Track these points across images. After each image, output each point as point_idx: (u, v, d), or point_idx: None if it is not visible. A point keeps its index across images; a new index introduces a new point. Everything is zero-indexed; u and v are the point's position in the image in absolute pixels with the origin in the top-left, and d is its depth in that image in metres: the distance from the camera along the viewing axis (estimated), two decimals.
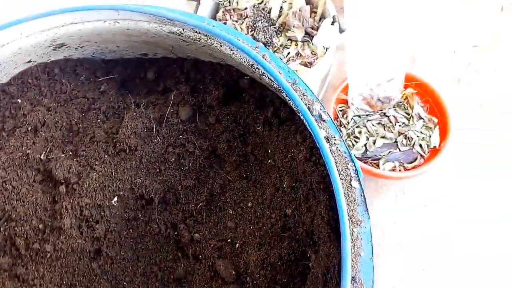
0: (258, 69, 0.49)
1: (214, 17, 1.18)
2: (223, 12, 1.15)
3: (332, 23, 1.09)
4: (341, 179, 0.50)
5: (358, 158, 1.32)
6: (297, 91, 0.49)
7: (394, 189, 1.42)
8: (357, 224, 0.54)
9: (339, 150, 0.50)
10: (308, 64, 1.07)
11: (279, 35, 1.10)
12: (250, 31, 1.10)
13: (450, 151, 1.31)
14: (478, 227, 1.36)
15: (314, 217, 0.61)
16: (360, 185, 0.52)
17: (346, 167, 0.51)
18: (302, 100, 0.48)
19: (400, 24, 1.29)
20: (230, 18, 1.13)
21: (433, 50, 1.66)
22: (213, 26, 0.48)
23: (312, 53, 1.09)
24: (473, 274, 1.32)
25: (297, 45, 1.09)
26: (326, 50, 1.08)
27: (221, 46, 0.47)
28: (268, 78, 0.48)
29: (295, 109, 0.48)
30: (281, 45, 1.09)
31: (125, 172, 0.78)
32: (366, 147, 1.33)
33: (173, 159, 0.79)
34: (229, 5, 1.15)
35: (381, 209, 1.40)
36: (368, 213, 0.59)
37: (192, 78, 0.79)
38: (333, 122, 0.49)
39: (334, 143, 0.49)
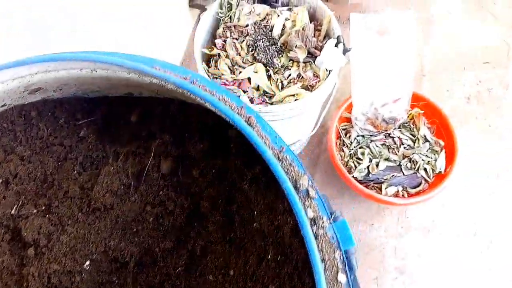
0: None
1: (214, 33, 1.13)
2: (223, 28, 1.10)
3: (337, 44, 1.04)
4: (325, 270, 0.45)
5: (360, 181, 1.28)
6: (283, 160, 0.44)
7: (396, 212, 1.38)
8: None
9: (326, 235, 0.45)
10: (309, 87, 1.02)
11: (280, 55, 1.05)
12: (251, 51, 1.05)
13: (456, 177, 1.25)
14: (483, 255, 1.31)
15: None
16: (348, 279, 0.47)
17: (333, 256, 0.46)
18: (288, 172, 0.44)
19: (408, 43, 1.24)
20: (231, 35, 1.08)
21: (442, 66, 1.60)
22: (197, 81, 0.43)
23: (314, 75, 1.04)
24: None
25: (298, 66, 1.04)
26: (329, 73, 1.03)
27: (205, 102, 0.43)
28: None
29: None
30: (282, 66, 1.04)
31: (99, 233, 0.73)
32: (368, 169, 1.28)
33: (151, 218, 0.74)
34: (230, 22, 1.10)
35: (382, 232, 1.36)
36: None
37: (178, 122, 0.74)
38: (321, 200, 0.45)
39: (322, 226, 0.44)
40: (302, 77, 1.03)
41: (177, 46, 1.57)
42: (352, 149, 1.32)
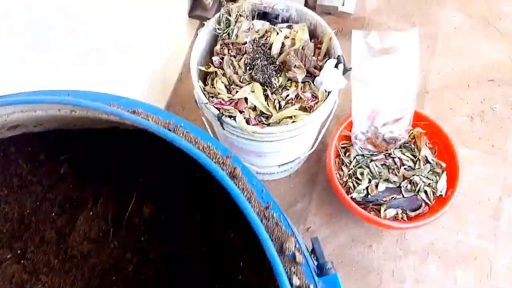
0: None
1: (211, 50, 1.10)
2: (221, 45, 1.07)
3: (337, 64, 1.01)
4: None
5: (358, 202, 1.25)
6: (269, 219, 0.41)
7: (395, 233, 1.34)
8: None
9: None
10: (308, 109, 0.99)
11: (278, 75, 1.02)
12: (248, 69, 1.02)
13: (457, 199, 1.22)
14: (482, 283, 1.28)
15: None
16: None
17: None
18: (273, 232, 0.41)
19: (411, 62, 1.21)
20: (228, 52, 1.05)
21: (446, 83, 1.57)
22: (180, 127, 0.40)
23: (313, 95, 1.01)
24: None
25: (297, 86, 1.01)
26: (328, 94, 1.00)
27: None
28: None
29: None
30: (280, 86, 1.01)
31: (75, 283, 0.70)
32: (367, 190, 1.25)
33: (131, 267, 0.71)
34: (228, 38, 1.08)
35: (380, 253, 1.32)
36: None
37: (163, 161, 0.71)
38: (308, 266, 0.42)
39: None
40: (301, 97, 1.00)
41: (176, 57, 1.55)
42: (351, 169, 1.29)
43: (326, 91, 1.00)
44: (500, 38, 1.64)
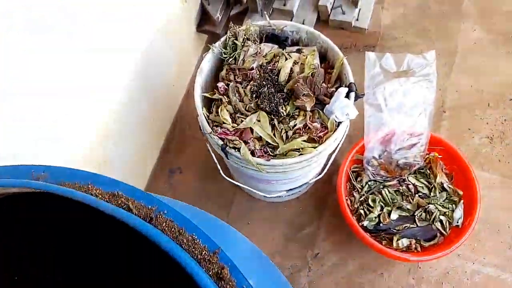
0: None
1: (216, 76, 1.06)
2: (226, 70, 1.03)
3: (348, 93, 0.96)
4: None
5: (369, 230, 1.19)
6: None
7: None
8: None
9: None
10: (317, 139, 0.94)
11: (286, 103, 0.97)
12: (255, 97, 0.98)
13: (474, 227, 1.15)
14: None
15: None
16: None
17: None
18: None
19: (428, 86, 1.15)
20: (235, 78, 1.01)
21: (464, 102, 1.50)
22: (163, 214, 0.36)
23: (322, 125, 0.96)
24: None
25: (305, 115, 0.96)
26: (339, 125, 0.95)
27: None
28: None
29: None
30: (287, 115, 0.96)
31: None
32: (379, 218, 1.20)
33: None
34: (235, 63, 1.03)
35: (391, 282, 1.27)
36: None
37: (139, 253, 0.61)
38: None
39: None
40: (309, 128, 0.95)
41: (183, 71, 1.51)
42: (363, 195, 1.23)
43: (336, 121, 0.95)
44: None
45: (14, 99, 0.79)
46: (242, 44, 1.03)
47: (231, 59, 1.03)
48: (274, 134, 0.95)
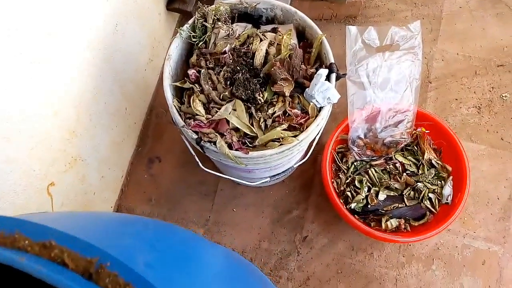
0: None
1: (188, 62, 0.98)
2: (197, 55, 0.95)
3: (329, 75, 0.89)
4: None
5: (357, 213, 1.16)
6: None
7: None
8: None
9: None
10: (297, 126, 0.88)
11: (263, 89, 0.90)
12: (229, 84, 0.90)
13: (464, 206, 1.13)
14: None
15: None
16: None
17: None
18: None
19: (413, 59, 1.09)
20: (206, 64, 0.93)
21: (451, 70, 1.44)
22: (106, 265, 0.30)
23: (302, 110, 0.90)
24: None
25: (284, 101, 0.89)
26: (320, 110, 0.89)
27: None
28: None
29: None
30: (265, 102, 0.89)
31: None
32: (367, 200, 1.16)
33: None
34: (205, 47, 0.95)
35: (382, 261, 1.25)
36: None
37: None
38: None
39: None
40: (289, 115, 0.89)
41: (155, 54, 1.42)
42: (350, 176, 1.19)
43: (317, 107, 0.89)
44: (511, 17, 1.49)
45: None
46: (212, 25, 0.95)
47: (201, 43, 0.95)
48: (252, 124, 0.89)
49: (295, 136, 0.87)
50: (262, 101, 0.89)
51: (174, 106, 0.90)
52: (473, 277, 1.22)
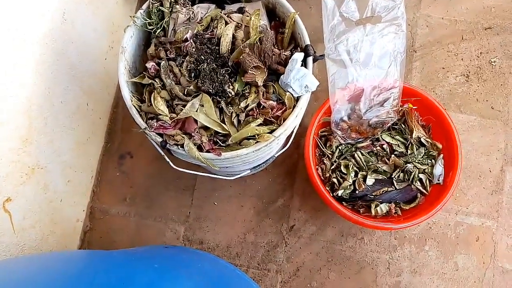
0: None
1: (144, 53, 0.87)
2: (155, 45, 0.84)
3: (305, 59, 0.79)
4: None
5: (345, 199, 1.09)
6: None
7: None
8: None
9: None
10: (274, 119, 0.79)
11: (233, 80, 0.80)
12: (194, 77, 0.80)
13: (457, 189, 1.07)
14: (485, 266, 1.17)
15: None
16: None
17: None
18: None
19: (396, 31, 0.99)
20: (166, 54, 0.82)
21: (436, 37, 1.35)
22: None
23: (278, 100, 0.81)
24: None
25: (258, 92, 0.80)
26: (297, 99, 0.80)
27: None
28: None
29: None
30: (236, 94, 0.80)
31: None
32: (355, 185, 1.09)
33: None
34: (164, 35, 0.84)
35: (373, 246, 1.20)
36: None
37: None
38: None
39: None
40: (264, 107, 0.80)
41: (115, 41, 1.29)
42: (335, 162, 1.11)
43: (293, 96, 0.80)
44: None
45: None
46: (170, 9, 0.83)
47: (159, 31, 0.84)
48: (223, 120, 0.80)
49: (271, 132, 0.78)
50: (233, 93, 0.79)
51: (134, 106, 0.80)
52: (467, 255, 1.18)
